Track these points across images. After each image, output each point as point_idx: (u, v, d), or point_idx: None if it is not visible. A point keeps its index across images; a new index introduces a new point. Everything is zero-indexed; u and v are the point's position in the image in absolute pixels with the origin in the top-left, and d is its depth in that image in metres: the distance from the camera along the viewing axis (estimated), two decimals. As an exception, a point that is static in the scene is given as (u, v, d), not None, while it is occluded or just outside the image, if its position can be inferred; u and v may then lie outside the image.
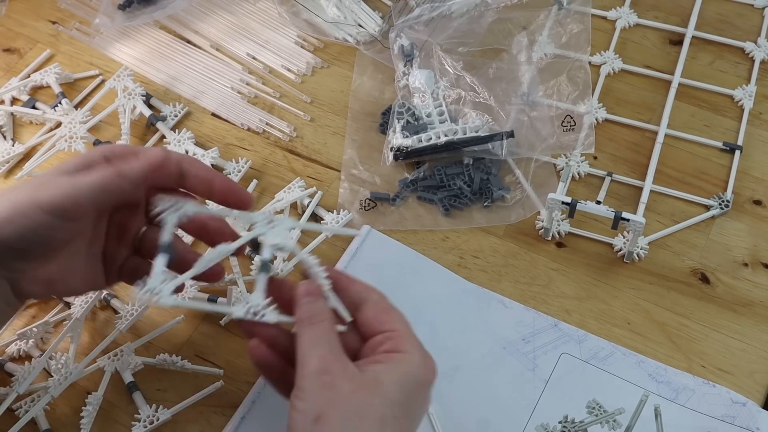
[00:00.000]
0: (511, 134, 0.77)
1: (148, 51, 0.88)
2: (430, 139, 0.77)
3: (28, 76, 0.86)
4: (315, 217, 0.75)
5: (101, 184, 0.56)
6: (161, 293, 0.56)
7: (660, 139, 0.78)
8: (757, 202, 0.75)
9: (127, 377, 0.66)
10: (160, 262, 0.57)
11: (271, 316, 0.56)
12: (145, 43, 0.89)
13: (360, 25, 0.88)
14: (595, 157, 0.78)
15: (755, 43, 0.85)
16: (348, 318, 0.56)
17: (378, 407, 0.50)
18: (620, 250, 0.72)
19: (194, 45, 0.89)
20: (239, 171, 0.78)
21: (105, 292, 0.70)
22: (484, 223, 0.75)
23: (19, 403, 0.64)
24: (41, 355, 0.67)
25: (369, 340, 0.55)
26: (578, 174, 0.77)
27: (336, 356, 0.52)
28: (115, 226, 0.61)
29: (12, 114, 0.83)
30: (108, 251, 0.61)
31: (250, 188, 0.77)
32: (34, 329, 0.68)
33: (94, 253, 0.61)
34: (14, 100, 0.85)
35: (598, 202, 0.74)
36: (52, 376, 0.65)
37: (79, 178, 0.56)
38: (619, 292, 0.71)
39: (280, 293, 0.57)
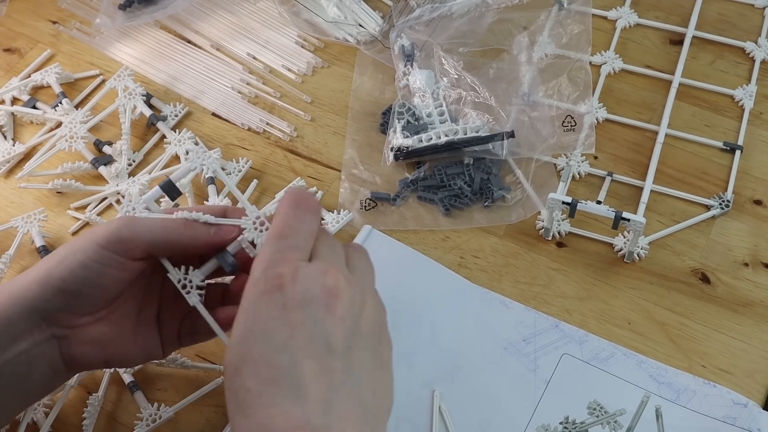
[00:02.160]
0: (511, 134, 0.77)
1: (148, 51, 0.88)
2: (431, 139, 0.77)
3: (29, 76, 0.86)
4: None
5: (162, 225, 0.55)
6: (136, 209, 0.57)
7: (660, 139, 0.78)
8: (758, 202, 0.75)
9: (127, 378, 0.66)
10: (155, 191, 0.58)
11: (192, 298, 0.56)
12: (146, 43, 0.89)
13: (360, 25, 0.88)
14: (596, 157, 0.78)
15: (756, 43, 0.85)
16: None
17: (233, 361, 0.49)
18: (621, 250, 0.72)
19: (195, 45, 0.89)
20: (239, 171, 0.78)
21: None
22: (484, 223, 0.75)
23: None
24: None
25: None
26: (578, 174, 0.77)
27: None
28: (168, 290, 0.59)
29: (12, 114, 0.83)
30: (162, 316, 0.59)
31: (251, 188, 0.77)
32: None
33: (146, 317, 0.59)
34: (15, 100, 0.85)
35: (599, 202, 0.74)
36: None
37: (140, 217, 0.56)
38: (620, 292, 0.71)
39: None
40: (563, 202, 0.69)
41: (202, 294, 0.56)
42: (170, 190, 0.59)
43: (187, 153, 0.58)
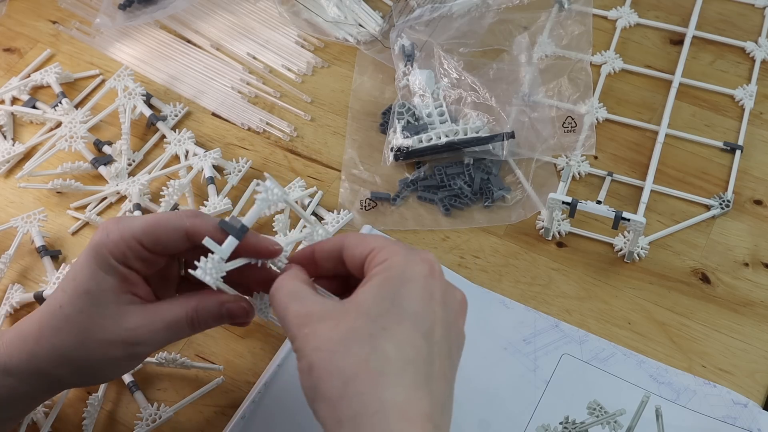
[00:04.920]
0: (511, 135, 0.77)
1: (148, 51, 0.88)
2: (431, 139, 0.77)
3: (29, 76, 0.86)
4: (315, 217, 0.75)
5: (178, 335, 0.54)
6: (211, 274, 0.52)
7: (660, 138, 0.78)
8: (758, 202, 0.75)
9: (127, 378, 0.66)
10: (229, 244, 0.52)
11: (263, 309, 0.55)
12: (146, 43, 0.89)
13: (360, 25, 0.88)
14: (596, 157, 0.78)
15: (756, 42, 0.85)
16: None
17: (362, 327, 0.47)
18: (621, 249, 0.72)
19: (195, 45, 0.89)
20: (239, 171, 0.78)
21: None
22: (484, 223, 0.75)
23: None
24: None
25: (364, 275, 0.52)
26: (579, 174, 0.77)
27: (307, 304, 0.50)
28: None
29: (12, 114, 0.83)
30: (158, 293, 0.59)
31: (251, 188, 0.77)
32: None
33: None
34: (14, 100, 0.85)
35: (599, 202, 0.74)
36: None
37: (154, 325, 0.53)
38: (620, 292, 0.71)
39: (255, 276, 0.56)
40: (563, 202, 0.69)
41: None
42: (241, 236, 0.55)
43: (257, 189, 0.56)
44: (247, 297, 0.56)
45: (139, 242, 0.53)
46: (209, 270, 0.51)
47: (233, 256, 0.53)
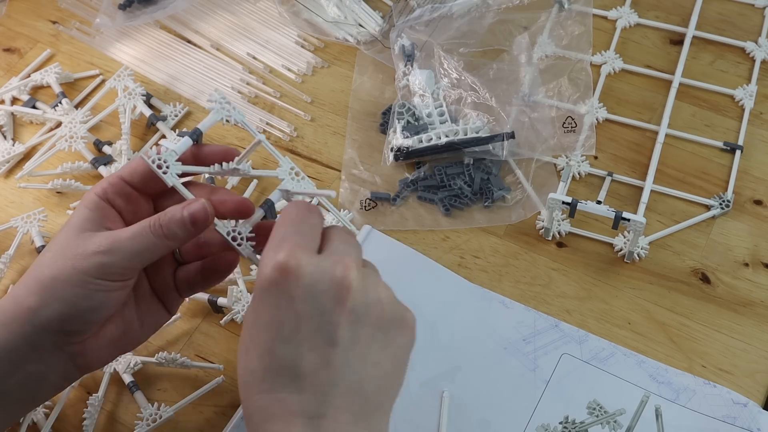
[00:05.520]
0: (511, 135, 0.77)
1: (148, 51, 0.88)
2: (431, 139, 0.77)
3: (29, 76, 0.86)
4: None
5: (147, 247, 0.53)
6: (170, 168, 0.55)
7: (660, 138, 0.78)
8: (758, 202, 0.75)
9: (127, 378, 0.66)
10: (184, 143, 0.57)
11: (246, 249, 0.55)
12: (146, 43, 0.89)
13: (360, 25, 0.88)
14: (596, 157, 0.78)
15: (756, 42, 0.85)
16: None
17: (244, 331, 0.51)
18: (621, 250, 0.72)
19: (195, 45, 0.89)
20: (240, 171, 0.78)
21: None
22: (484, 223, 0.75)
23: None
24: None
25: None
26: (579, 174, 0.77)
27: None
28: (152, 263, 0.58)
29: (12, 114, 0.83)
30: (155, 284, 0.58)
31: (251, 188, 0.77)
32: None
33: (143, 294, 0.58)
34: (14, 100, 0.85)
35: (599, 202, 0.74)
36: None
37: (119, 237, 0.53)
38: (620, 292, 0.71)
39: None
40: (563, 202, 0.69)
41: (253, 245, 0.55)
42: (199, 139, 0.59)
43: (209, 101, 0.59)
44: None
45: (120, 178, 0.56)
46: (165, 160, 0.55)
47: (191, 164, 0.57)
